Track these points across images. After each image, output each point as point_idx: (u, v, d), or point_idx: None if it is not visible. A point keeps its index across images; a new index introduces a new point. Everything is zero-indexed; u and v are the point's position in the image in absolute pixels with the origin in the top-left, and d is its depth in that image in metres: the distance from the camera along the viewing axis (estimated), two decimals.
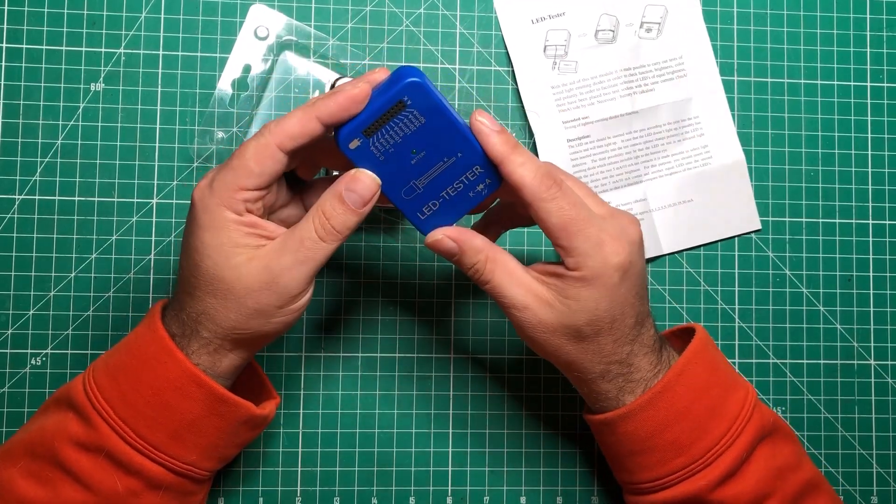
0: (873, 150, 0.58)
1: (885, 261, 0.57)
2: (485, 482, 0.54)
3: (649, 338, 0.44)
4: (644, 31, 0.56)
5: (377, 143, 0.40)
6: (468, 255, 0.43)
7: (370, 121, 0.40)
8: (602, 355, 0.43)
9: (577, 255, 0.41)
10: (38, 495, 0.41)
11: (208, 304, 0.40)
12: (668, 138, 0.56)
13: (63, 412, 0.42)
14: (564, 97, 0.56)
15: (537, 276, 0.43)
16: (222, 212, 0.40)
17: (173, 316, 0.42)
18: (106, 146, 0.53)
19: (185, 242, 0.41)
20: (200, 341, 0.41)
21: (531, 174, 0.40)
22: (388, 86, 0.40)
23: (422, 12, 0.55)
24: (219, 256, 0.40)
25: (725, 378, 0.45)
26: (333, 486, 0.53)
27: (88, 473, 0.41)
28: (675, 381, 0.43)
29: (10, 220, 0.52)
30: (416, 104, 0.40)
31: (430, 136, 0.41)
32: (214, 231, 0.40)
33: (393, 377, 0.54)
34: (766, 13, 0.57)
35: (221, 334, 0.41)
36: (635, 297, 0.43)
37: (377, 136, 0.40)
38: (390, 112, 0.40)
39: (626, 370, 0.43)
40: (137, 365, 0.41)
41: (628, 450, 0.45)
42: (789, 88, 0.57)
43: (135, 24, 0.54)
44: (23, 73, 0.53)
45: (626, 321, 0.42)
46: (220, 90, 0.52)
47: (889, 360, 0.57)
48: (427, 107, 0.40)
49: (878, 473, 0.56)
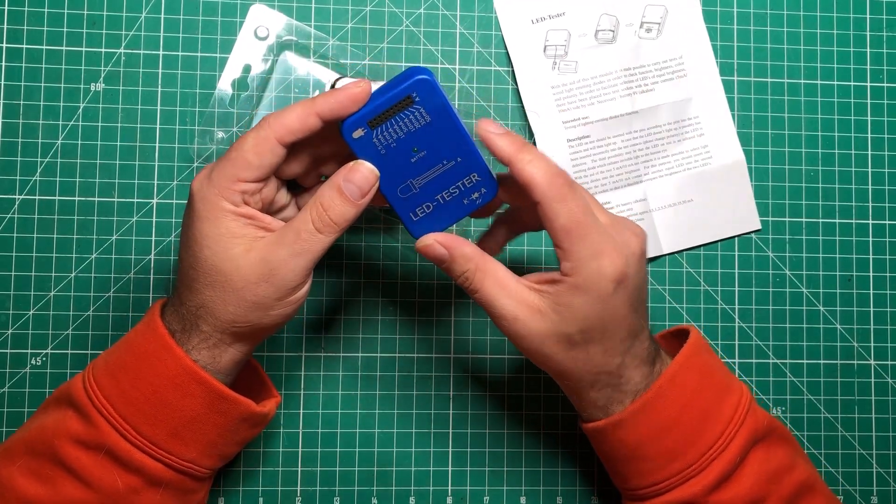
0: (873, 150, 0.58)
1: (885, 261, 0.57)
2: (485, 482, 0.54)
3: (643, 350, 0.44)
4: (644, 31, 0.56)
5: (380, 136, 0.41)
6: (458, 263, 0.42)
7: (377, 112, 0.40)
8: (592, 364, 0.42)
9: (575, 260, 0.41)
10: (38, 493, 0.41)
11: (207, 297, 0.40)
12: (668, 138, 0.56)
13: (63, 410, 0.42)
14: (564, 97, 0.56)
15: (529, 284, 0.42)
16: (220, 202, 0.40)
17: (173, 312, 0.42)
18: (106, 146, 0.53)
19: (184, 234, 0.41)
20: (200, 335, 0.41)
21: (541, 172, 0.40)
22: (399, 81, 0.40)
23: (422, 12, 0.55)
24: (217, 246, 0.40)
25: (719, 382, 0.45)
26: (333, 486, 0.53)
27: (89, 471, 0.41)
28: (666, 387, 0.43)
29: (10, 220, 0.52)
30: (423, 102, 0.40)
31: (432, 137, 0.41)
32: (212, 221, 0.40)
33: (393, 377, 0.54)
34: (766, 13, 0.57)
35: (221, 328, 0.41)
36: (629, 309, 0.42)
37: (381, 128, 0.40)
38: (398, 106, 0.40)
39: (615, 381, 0.43)
40: (137, 362, 0.41)
41: (622, 456, 0.44)
42: (789, 88, 0.57)
43: (135, 24, 0.54)
44: (23, 73, 0.53)
45: (618, 333, 0.42)
46: (220, 90, 0.52)
47: (889, 360, 0.57)
48: (434, 106, 0.40)
49: (878, 473, 0.56)
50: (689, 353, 0.44)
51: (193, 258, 0.41)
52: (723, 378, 0.45)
